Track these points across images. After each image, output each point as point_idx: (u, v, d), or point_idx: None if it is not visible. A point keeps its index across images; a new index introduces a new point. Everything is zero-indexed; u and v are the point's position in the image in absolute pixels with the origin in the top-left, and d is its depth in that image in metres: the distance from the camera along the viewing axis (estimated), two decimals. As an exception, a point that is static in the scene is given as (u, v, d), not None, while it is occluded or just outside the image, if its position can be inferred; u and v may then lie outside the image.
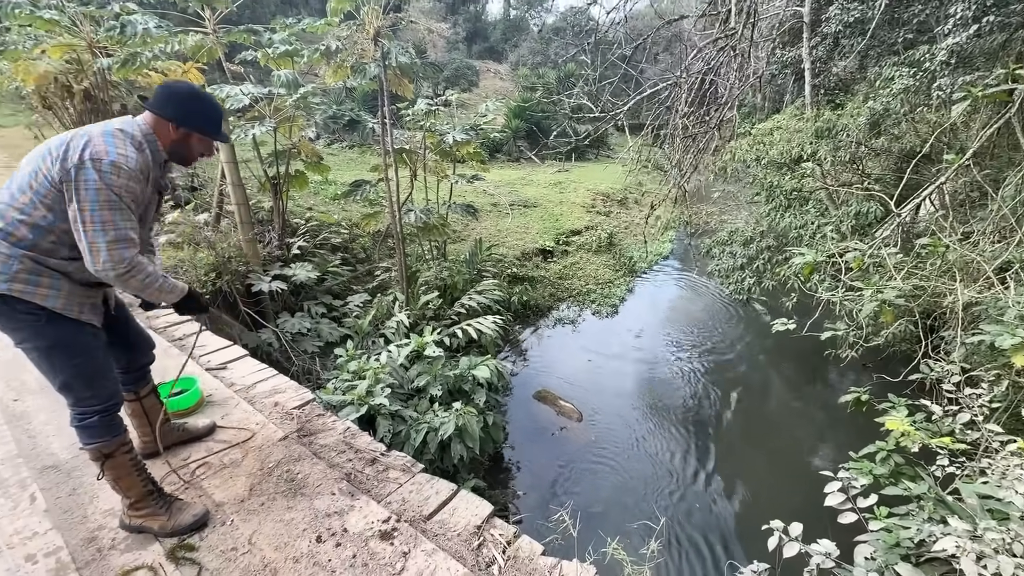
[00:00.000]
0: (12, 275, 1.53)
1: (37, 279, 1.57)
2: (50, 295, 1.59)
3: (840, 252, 4.30)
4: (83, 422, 1.70)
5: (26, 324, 1.59)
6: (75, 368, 1.66)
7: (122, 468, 1.75)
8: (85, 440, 1.72)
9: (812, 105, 7.88)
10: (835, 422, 5.84)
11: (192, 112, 1.71)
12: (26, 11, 5.16)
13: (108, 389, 1.74)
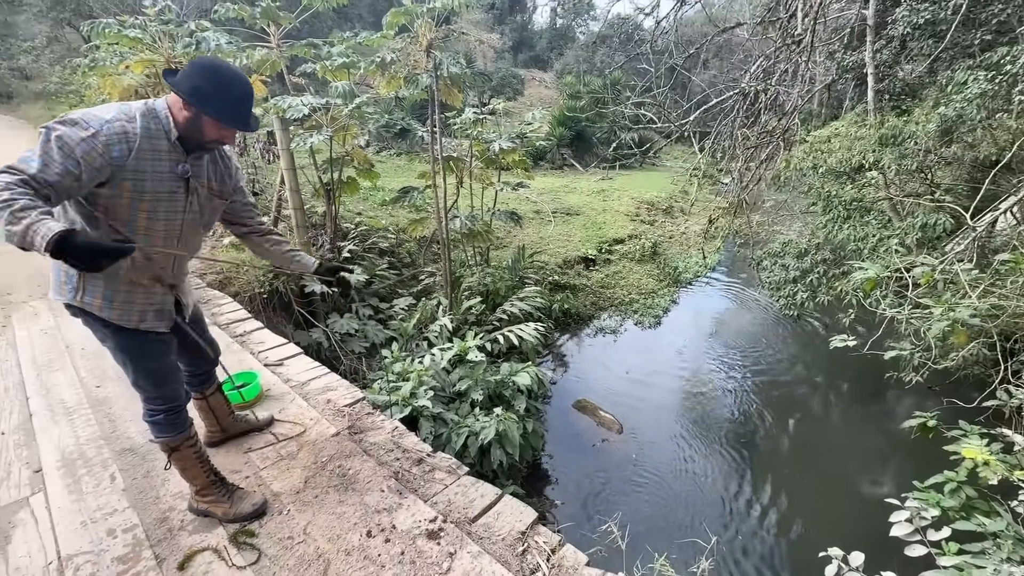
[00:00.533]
0: (74, 287, 1.59)
1: (92, 290, 1.60)
2: (104, 305, 1.61)
3: (906, 267, 4.05)
4: (152, 418, 1.81)
5: (97, 329, 1.69)
6: (143, 371, 1.74)
7: (187, 460, 1.87)
8: (154, 434, 1.84)
9: (875, 111, 7.48)
10: (896, 448, 5.48)
11: (204, 91, 1.50)
12: (114, 30, 5.64)
13: (174, 391, 1.82)
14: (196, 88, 1.50)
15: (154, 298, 1.70)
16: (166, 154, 1.55)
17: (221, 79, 1.53)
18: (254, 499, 1.97)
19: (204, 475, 1.90)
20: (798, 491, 4.98)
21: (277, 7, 5.59)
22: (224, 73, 1.54)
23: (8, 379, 2.97)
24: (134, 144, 1.46)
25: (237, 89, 1.56)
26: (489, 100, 16.20)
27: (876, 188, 6.58)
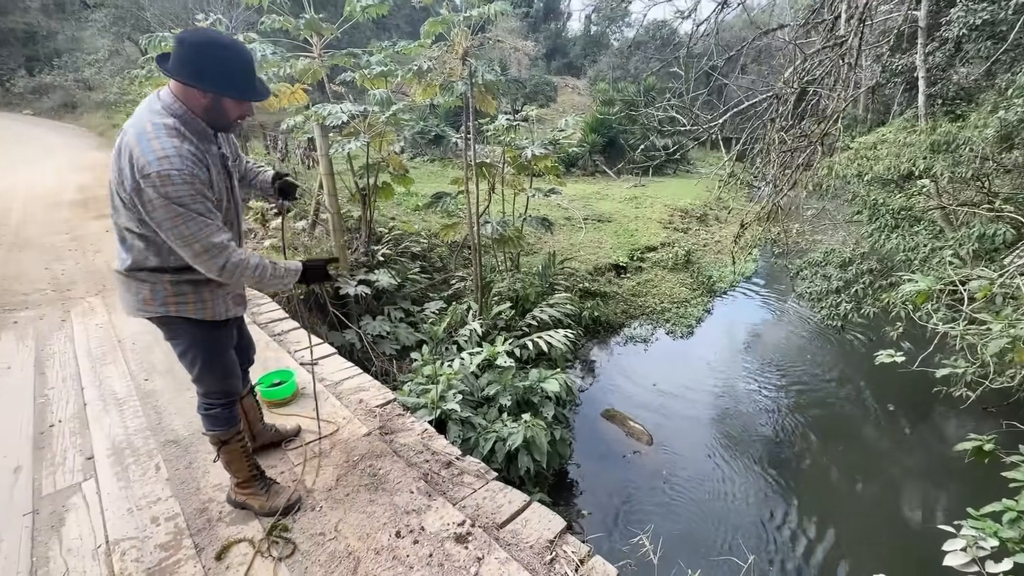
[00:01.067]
0: (163, 300, 1.66)
1: (183, 296, 1.67)
2: (198, 308, 1.70)
3: (961, 279, 3.82)
4: (208, 411, 1.87)
5: (183, 331, 1.75)
6: (217, 364, 1.82)
7: (235, 454, 1.93)
8: (208, 427, 1.90)
9: (926, 116, 7.14)
10: (947, 472, 5.16)
11: (212, 73, 1.46)
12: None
13: (233, 385, 1.90)
14: (201, 72, 1.44)
15: (235, 288, 1.81)
16: (212, 145, 1.60)
17: (220, 56, 1.46)
18: (288, 494, 2.02)
19: (247, 468, 1.97)
20: (840, 513, 4.75)
21: (321, 19, 5.79)
22: (223, 49, 1.47)
23: (66, 370, 3.15)
24: (201, 155, 1.51)
25: (241, 60, 1.51)
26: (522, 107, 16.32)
27: (927, 197, 6.26)
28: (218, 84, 1.47)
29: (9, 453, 2.37)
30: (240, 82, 1.51)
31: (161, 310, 1.67)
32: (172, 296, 1.66)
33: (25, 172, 9.90)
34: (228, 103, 1.54)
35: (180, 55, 1.46)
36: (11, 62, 22.30)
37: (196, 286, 1.68)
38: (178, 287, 1.66)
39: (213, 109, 1.53)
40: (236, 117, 1.59)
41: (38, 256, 5.40)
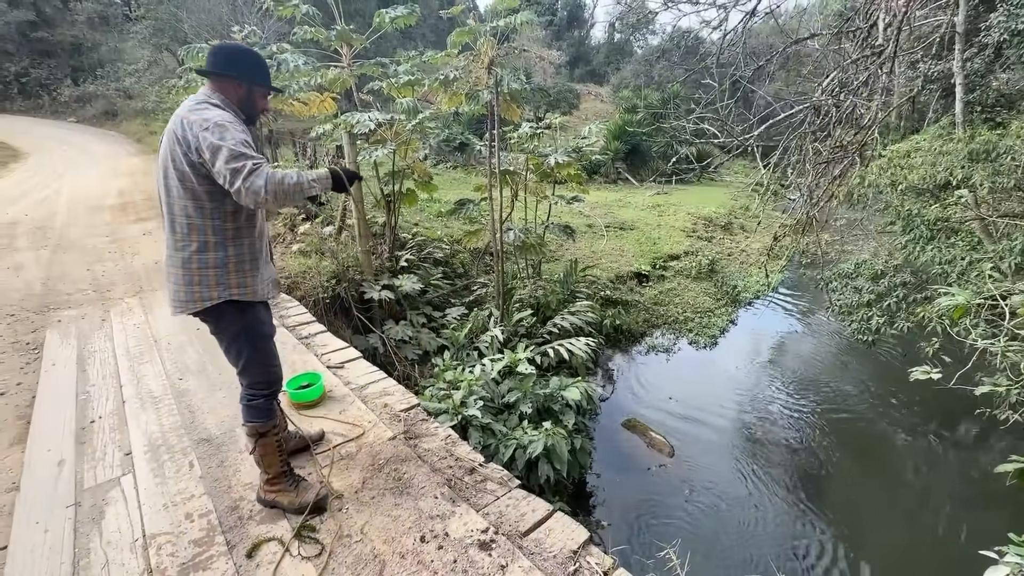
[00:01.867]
0: (212, 284, 1.78)
1: (228, 282, 1.80)
2: (241, 291, 1.82)
3: (1002, 294, 3.68)
4: (251, 402, 1.95)
5: (230, 318, 1.85)
6: (262, 348, 1.93)
7: (270, 447, 1.99)
8: (248, 418, 1.96)
9: (964, 124, 6.91)
10: (986, 495, 4.95)
11: (249, 69, 1.79)
12: (205, 52, 6.20)
13: (276, 374, 2.00)
14: (243, 69, 1.77)
15: (268, 270, 1.95)
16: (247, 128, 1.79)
17: (251, 55, 1.81)
18: (316, 490, 2.07)
19: (279, 463, 2.03)
20: (873, 534, 4.59)
21: (351, 30, 5.94)
22: (250, 51, 1.83)
23: (106, 368, 3.28)
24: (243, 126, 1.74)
25: (263, 60, 1.85)
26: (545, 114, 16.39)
27: (965, 207, 6.05)
28: (252, 76, 1.79)
29: (54, 447, 2.48)
30: (266, 75, 1.85)
31: (209, 295, 1.77)
32: (221, 279, 1.78)
33: (69, 177, 10.38)
34: (257, 94, 1.84)
35: (215, 59, 1.77)
36: (58, 72, 23.45)
37: (240, 267, 1.81)
38: (224, 269, 1.78)
39: (247, 98, 1.81)
40: (262, 108, 1.89)
41: (80, 257, 5.64)
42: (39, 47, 23.06)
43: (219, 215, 1.74)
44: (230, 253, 1.79)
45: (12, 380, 3.29)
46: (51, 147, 14.58)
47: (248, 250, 1.84)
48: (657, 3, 3.58)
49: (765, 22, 3.83)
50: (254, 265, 1.86)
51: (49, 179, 10.16)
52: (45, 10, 23.27)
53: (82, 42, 23.80)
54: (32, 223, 6.98)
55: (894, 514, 4.85)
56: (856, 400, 6.80)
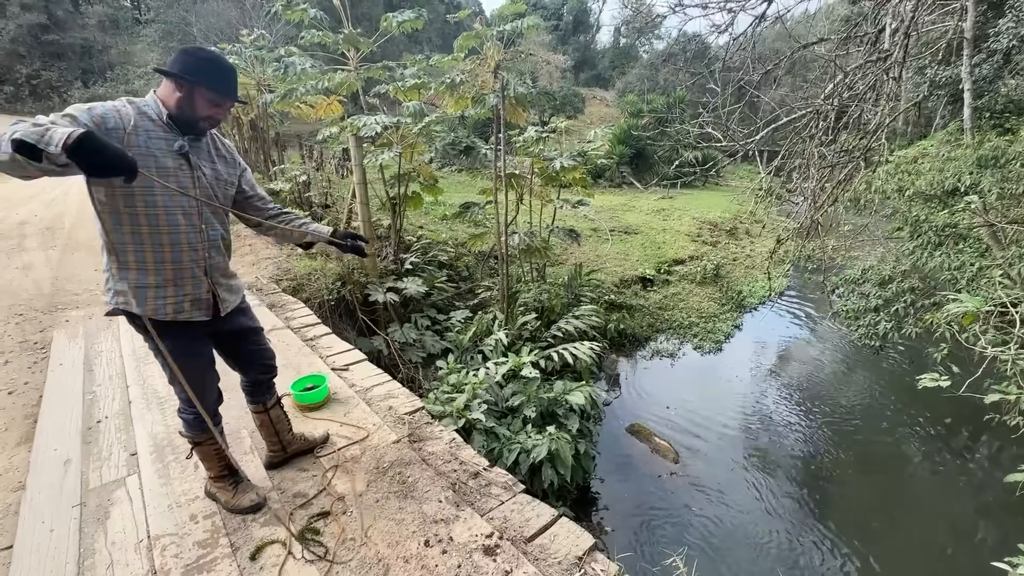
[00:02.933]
0: (114, 291, 1.69)
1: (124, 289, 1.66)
2: (139, 302, 1.67)
3: (1012, 301, 3.64)
4: (183, 415, 1.96)
5: (139, 329, 1.75)
6: (179, 377, 1.77)
7: (206, 454, 2.02)
8: (183, 428, 1.99)
9: (972, 130, 6.87)
10: (997, 504, 4.89)
11: (192, 68, 1.61)
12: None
13: (203, 399, 1.87)
14: (185, 67, 1.61)
15: (184, 289, 1.73)
16: (161, 131, 1.64)
17: (206, 55, 1.66)
18: (252, 496, 2.06)
19: (218, 467, 2.05)
20: (881, 544, 4.54)
21: (358, 34, 5.97)
22: (207, 51, 1.68)
23: (112, 368, 3.29)
24: (128, 120, 1.57)
25: (221, 62, 1.67)
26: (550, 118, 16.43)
27: (973, 214, 6.00)
28: (194, 77, 1.61)
29: (60, 446, 2.49)
30: (215, 79, 1.64)
31: (113, 302, 1.70)
32: (118, 284, 1.66)
33: (78, 178, 10.46)
34: (199, 97, 1.64)
35: (173, 58, 1.65)
36: (68, 75, 23.72)
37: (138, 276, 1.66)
38: (121, 272, 1.65)
39: (185, 102, 1.64)
40: (206, 114, 1.68)
41: (88, 258, 5.68)
42: (50, 50, 23.35)
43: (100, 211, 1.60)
44: (112, 260, 1.65)
45: (20, 379, 3.31)
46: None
47: (135, 252, 1.64)
48: (664, 7, 3.58)
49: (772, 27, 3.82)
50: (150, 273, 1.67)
51: (58, 180, 10.25)
52: (56, 13, 23.57)
53: (92, 45, 24.08)
54: (41, 223, 7.04)
55: (902, 524, 4.79)
56: (862, 407, 6.74)
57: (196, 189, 1.72)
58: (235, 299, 1.94)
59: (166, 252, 1.67)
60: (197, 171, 1.72)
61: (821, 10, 19.28)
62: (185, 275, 1.73)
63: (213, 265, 1.82)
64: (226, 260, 1.90)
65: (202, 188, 1.74)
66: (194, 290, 1.76)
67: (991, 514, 4.85)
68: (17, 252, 5.85)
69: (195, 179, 1.72)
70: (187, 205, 1.69)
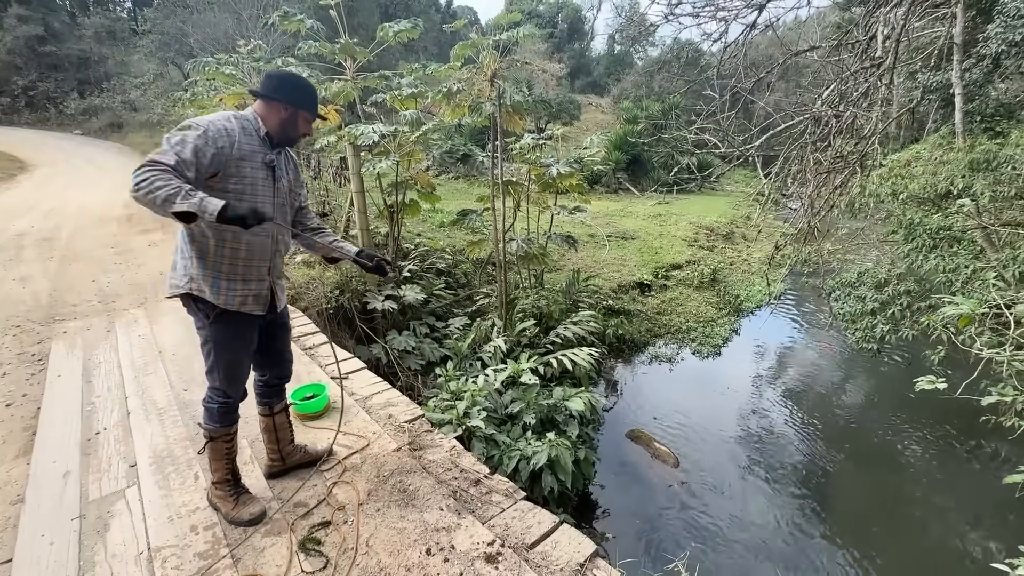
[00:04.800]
0: (190, 277, 1.85)
1: (203, 279, 1.84)
2: (212, 292, 1.85)
3: (1006, 303, 3.67)
4: (208, 404, 2.02)
5: (199, 315, 1.91)
6: (223, 360, 1.96)
7: (217, 452, 2.05)
8: (203, 419, 2.04)
9: (964, 134, 6.94)
10: (996, 506, 4.90)
11: (295, 95, 1.90)
12: (212, 67, 6.29)
13: (236, 390, 2.03)
14: (291, 94, 1.89)
15: (251, 285, 1.93)
16: (259, 146, 1.88)
17: (303, 83, 1.94)
18: (253, 509, 2.06)
19: (224, 470, 2.08)
20: (881, 546, 4.54)
21: (354, 44, 6.02)
22: (301, 79, 1.96)
23: (110, 379, 3.29)
24: (235, 138, 1.80)
25: (312, 87, 1.97)
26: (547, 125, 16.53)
27: (967, 216, 6.06)
28: (298, 101, 1.90)
29: (59, 458, 2.48)
30: (312, 103, 1.96)
31: (186, 287, 1.85)
32: (195, 272, 1.84)
33: (76, 189, 10.47)
34: (301, 119, 1.94)
35: (268, 82, 1.91)
36: (65, 85, 23.76)
37: (215, 268, 1.85)
38: (200, 263, 1.84)
39: (287, 122, 1.92)
40: (302, 132, 1.98)
41: (86, 269, 5.68)
42: (47, 61, 23.40)
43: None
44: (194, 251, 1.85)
45: (18, 391, 3.29)
46: (58, 159, 14.73)
47: (215, 251, 1.84)
48: (658, 16, 3.63)
49: (764, 34, 3.87)
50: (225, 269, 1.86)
51: (56, 191, 10.26)
52: (53, 24, 23.66)
53: (89, 56, 24.14)
54: (39, 235, 7.03)
55: (901, 527, 4.80)
56: (861, 410, 6.76)
57: (276, 197, 1.96)
58: (284, 298, 2.16)
59: (242, 252, 1.89)
60: (278, 182, 1.97)
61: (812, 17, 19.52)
62: (253, 274, 1.93)
63: (275, 266, 2.04)
64: (282, 263, 2.14)
65: (279, 196, 1.98)
66: (258, 287, 1.96)
67: (991, 516, 4.85)
68: (15, 263, 5.84)
69: (276, 190, 1.96)
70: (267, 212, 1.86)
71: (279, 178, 1.97)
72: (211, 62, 6.44)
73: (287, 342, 2.27)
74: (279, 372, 2.25)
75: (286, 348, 2.26)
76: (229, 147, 1.77)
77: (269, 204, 1.92)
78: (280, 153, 1.99)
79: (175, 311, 4.46)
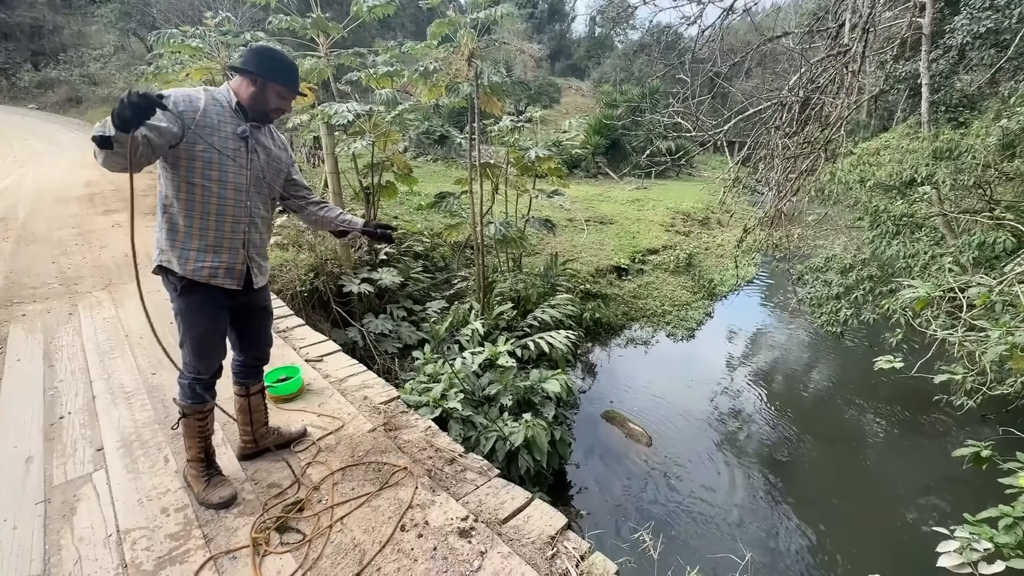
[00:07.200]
0: (161, 249, 1.86)
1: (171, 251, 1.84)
2: (180, 263, 1.84)
3: (960, 286, 3.85)
4: (181, 380, 2.01)
5: (170, 287, 1.91)
6: (192, 335, 1.94)
7: (190, 429, 2.04)
8: (178, 395, 2.03)
9: (929, 123, 7.17)
10: (945, 478, 5.20)
11: (267, 66, 1.84)
12: (178, 40, 6.02)
13: (207, 367, 2.01)
14: (259, 65, 1.84)
15: (222, 256, 1.90)
16: (229, 117, 1.86)
17: (276, 55, 1.90)
18: (223, 492, 2.05)
19: (197, 449, 2.08)
20: (837, 516, 4.78)
21: (327, 18, 5.83)
22: (276, 51, 1.92)
23: (74, 363, 3.19)
24: (199, 104, 1.77)
25: (288, 61, 1.92)
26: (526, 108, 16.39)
27: (929, 204, 6.30)
28: (268, 74, 1.85)
29: (20, 443, 2.41)
30: (286, 76, 1.89)
31: (157, 260, 1.87)
32: (164, 244, 1.85)
33: (32, 166, 9.97)
34: (271, 91, 1.88)
35: (246, 57, 1.88)
36: (17, 56, 22.39)
37: (180, 239, 1.84)
38: (170, 235, 1.84)
39: (258, 95, 1.87)
40: (276, 107, 1.92)
41: (45, 250, 5.45)
42: (-4, 29, 21.98)
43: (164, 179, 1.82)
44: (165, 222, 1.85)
45: (-26, 376, 3.17)
46: (10, 134, 13.96)
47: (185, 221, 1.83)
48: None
49: (743, 20, 3.90)
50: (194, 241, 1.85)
51: (10, 168, 9.74)
52: (2, -11, 22.16)
53: (42, 24, 22.74)
54: (-8, 214, 6.70)
55: (859, 498, 5.06)
56: (824, 390, 7.05)
57: (248, 170, 1.92)
58: (264, 279, 2.11)
59: (211, 221, 1.86)
60: (252, 154, 1.93)
61: (789, 3, 19.68)
62: (224, 244, 1.90)
63: (251, 240, 1.98)
64: (264, 240, 2.08)
65: (253, 169, 1.94)
66: (231, 259, 1.92)
67: (940, 486, 5.15)
68: (-34, 244, 5.56)
69: (248, 160, 1.92)
70: (239, 183, 1.89)
71: (253, 151, 1.93)
72: (176, 34, 6.15)
73: (266, 325, 2.25)
74: (256, 354, 2.24)
75: (264, 331, 2.24)
76: (192, 112, 1.75)
77: (242, 176, 1.89)
78: (260, 128, 1.96)
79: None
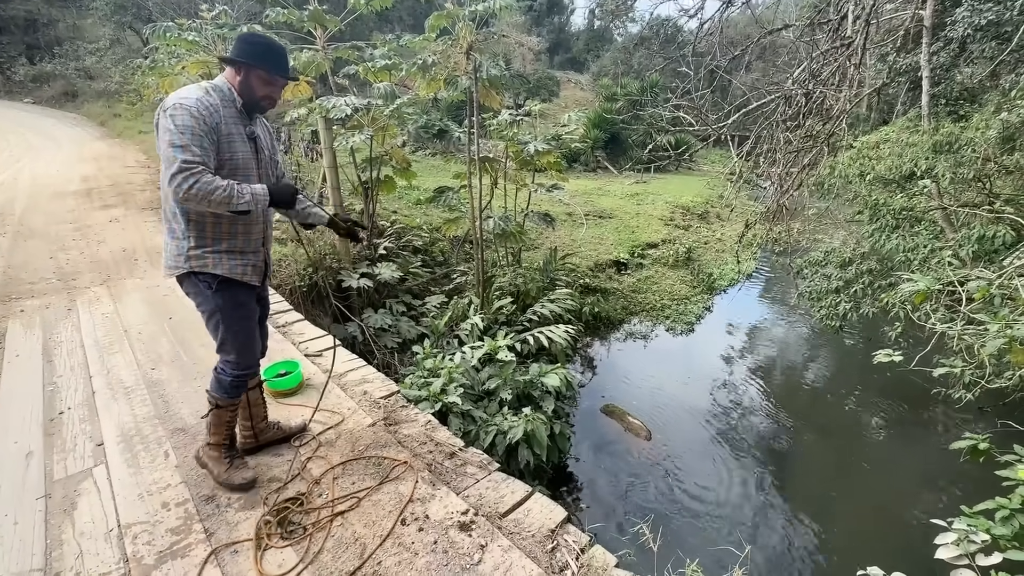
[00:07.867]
0: (188, 256, 1.84)
1: (204, 254, 1.84)
2: (216, 263, 1.86)
3: (960, 280, 3.85)
4: (220, 375, 2.01)
5: (203, 290, 1.89)
6: (235, 329, 1.96)
7: (220, 420, 2.07)
8: (211, 387, 2.03)
9: (929, 117, 7.14)
10: (943, 471, 5.22)
11: (250, 51, 1.79)
12: (174, 34, 5.97)
13: (248, 360, 2.04)
14: (241, 51, 1.80)
15: (248, 257, 1.95)
16: (238, 118, 1.85)
17: (257, 39, 1.84)
18: (245, 474, 2.10)
19: (223, 436, 2.11)
20: (837, 509, 4.81)
21: (324, 11, 5.78)
22: (259, 36, 1.87)
23: (73, 359, 3.19)
24: (220, 113, 1.77)
25: (271, 44, 1.86)
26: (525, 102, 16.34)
27: (928, 197, 6.28)
28: (249, 59, 1.79)
29: (20, 439, 2.41)
30: (268, 59, 1.81)
31: (186, 266, 1.85)
32: (194, 251, 1.84)
33: (29, 161, 9.91)
34: (255, 78, 1.81)
35: (232, 46, 1.84)
36: (12, 50, 22.23)
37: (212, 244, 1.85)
38: (199, 241, 1.83)
39: (244, 85, 1.82)
40: (263, 94, 1.85)
41: (43, 245, 5.43)
42: (-10, 22, 21.79)
43: None
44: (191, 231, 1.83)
45: (-27, 372, 3.17)
46: (7, 129, 13.87)
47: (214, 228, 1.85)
48: (636, -9, 3.59)
49: (742, 12, 3.87)
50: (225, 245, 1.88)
51: (6, 163, 9.69)
52: (-4, -17, 21.94)
53: (37, 18, 22.55)
54: (-11, 209, 6.66)
55: (857, 491, 5.08)
56: (823, 383, 7.06)
57: (260, 168, 1.93)
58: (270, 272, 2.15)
59: (239, 226, 1.89)
60: (260, 153, 1.94)
61: (790, -4, 19.52)
62: (250, 246, 1.95)
63: (267, 238, 2.05)
64: (272, 235, 2.12)
65: (262, 167, 1.95)
66: (254, 259, 1.98)
67: (938, 479, 5.18)
68: (-37, 239, 5.54)
69: (259, 160, 1.92)
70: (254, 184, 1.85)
71: (261, 148, 1.94)
72: (172, 27, 6.10)
73: (265, 317, 2.27)
74: (262, 343, 2.25)
75: (263, 323, 2.26)
76: (218, 123, 1.75)
77: (255, 176, 1.89)
78: (256, 121, 1.95)
79: (140, 289, 4.32)
